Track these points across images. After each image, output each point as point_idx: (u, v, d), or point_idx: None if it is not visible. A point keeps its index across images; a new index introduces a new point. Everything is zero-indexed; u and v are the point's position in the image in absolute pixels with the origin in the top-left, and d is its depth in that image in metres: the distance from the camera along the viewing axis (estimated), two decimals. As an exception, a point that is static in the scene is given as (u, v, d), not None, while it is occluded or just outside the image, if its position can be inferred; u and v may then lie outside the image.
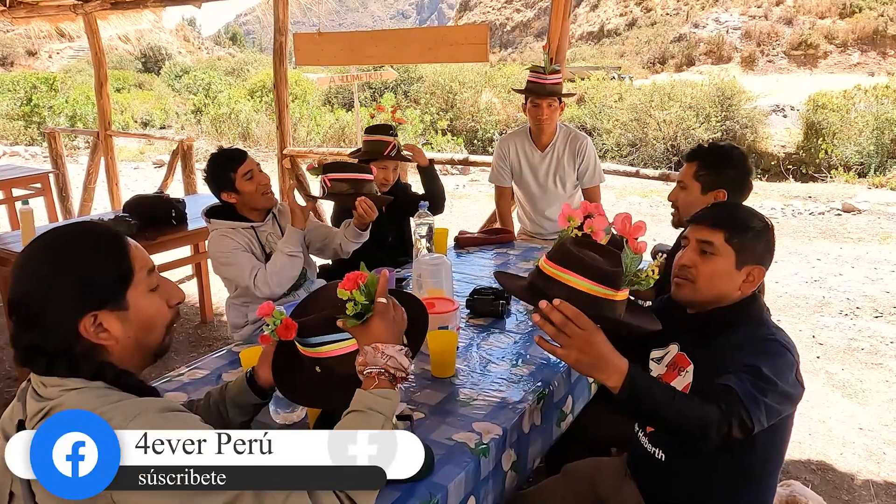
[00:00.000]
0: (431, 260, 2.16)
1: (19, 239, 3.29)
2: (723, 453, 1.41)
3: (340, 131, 13.65)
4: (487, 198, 8.37)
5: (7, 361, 3.76)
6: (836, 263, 5.65)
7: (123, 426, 0.94)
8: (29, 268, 1.03)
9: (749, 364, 1.35)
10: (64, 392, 1.00)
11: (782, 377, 1.35)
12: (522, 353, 1.97)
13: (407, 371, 1.20)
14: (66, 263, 1.03)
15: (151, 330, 1.09)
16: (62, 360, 1.01)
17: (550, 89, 3.06)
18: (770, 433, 1.41)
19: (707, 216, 1.54)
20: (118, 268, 1.06)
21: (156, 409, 0.98)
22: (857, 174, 10.90)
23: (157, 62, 29.71)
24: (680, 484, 1.52)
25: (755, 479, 1.48)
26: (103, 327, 1.03)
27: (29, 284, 1.02)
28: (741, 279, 1.48)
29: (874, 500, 2.54)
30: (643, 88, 15.66)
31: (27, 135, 14.53)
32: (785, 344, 1.42)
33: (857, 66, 27.54)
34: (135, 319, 1.06)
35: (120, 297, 1.05)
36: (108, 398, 0.99)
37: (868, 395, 3.36)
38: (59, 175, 6.51)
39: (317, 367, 1.32)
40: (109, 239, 1.07)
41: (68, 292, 1.01)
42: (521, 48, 39.68)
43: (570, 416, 1.94)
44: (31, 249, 1.06)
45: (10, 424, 1.05)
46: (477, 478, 1.47)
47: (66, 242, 1.05)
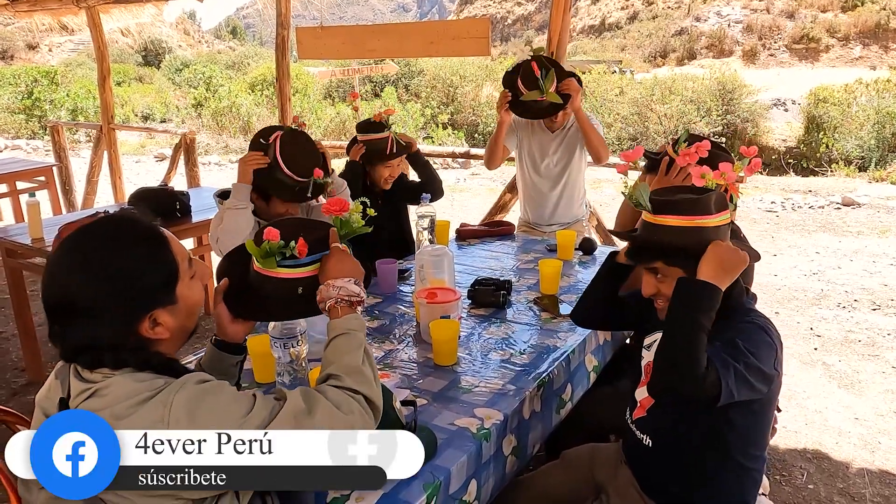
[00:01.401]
0: (434, 251, 2.20)
1: (25, 231, 3.32)
2: (704, 438, 1.45)
3: (341, 125, 13.66)
4: (488, 192, 8.40)
5: (14, 352, 3.80)
6: (834, 257, 5.68)
7: (170, 397, 0.99)
8: (77, 269, 1.04)
9: (725, 337, 1.41)
10: (110, 375, 1.03)
11: (757, 353, 1.39)
12: (523, 343, 2.00)
13: (360, 296, 1.30)
14: (120, 268, 1.05)
15: (194, 314, 1.17)
16: (110, 356, 1.04)
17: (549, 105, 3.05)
18: (748, 417, 1.45)
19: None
20: (167, 267, 1.11)
21: (198, 379, 1.04)
22: (858, 168, 10.90)
23: (157, 56, 29.68)
24: (666, 469, 1.56)
25: (737, 464, 1.51)
26: (157, 322, 1.08)
27: (79, 287, 1.03)
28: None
29: (868, 488, 2.59)
30: (644, 82, 15.66)
31: (28, 128, 14.56)
32: (763, 326, 1.45)
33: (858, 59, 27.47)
34: (182, 309, 1.12)
35: (171, 295, 1.11)
36: (152, 381, 1.03)
37: (864, 386, 3.40)
38: (63, 168, 6.54)
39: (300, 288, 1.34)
40: (153, 238, 1.11)
41: (125, 297, 1.05)
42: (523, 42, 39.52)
43: (570, 403, 1.98)
44: (75, 250, 1.06)
45: (50, 402, 1.07)
46: (479, 461, 1.51)
47: (115, 245, 1.07)
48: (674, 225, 1.47)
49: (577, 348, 2.00)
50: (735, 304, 1.51)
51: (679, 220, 1.46)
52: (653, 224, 1.50)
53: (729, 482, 1.53)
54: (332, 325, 1.27)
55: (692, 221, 1.46)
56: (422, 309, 1.99)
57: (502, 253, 2.93)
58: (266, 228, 1.33)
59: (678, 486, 1.56)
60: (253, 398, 1.08)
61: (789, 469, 2.71)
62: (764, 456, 1.57)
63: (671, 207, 1.48)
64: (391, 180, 2.99)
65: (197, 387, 1.03)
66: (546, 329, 2.10)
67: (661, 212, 1.49)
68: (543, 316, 2.20)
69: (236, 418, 1.02)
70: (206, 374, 1.10)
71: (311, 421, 1.06)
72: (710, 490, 1.53)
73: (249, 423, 1.03)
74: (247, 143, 3.90)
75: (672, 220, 1.47)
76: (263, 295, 1.35)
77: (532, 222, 3.37)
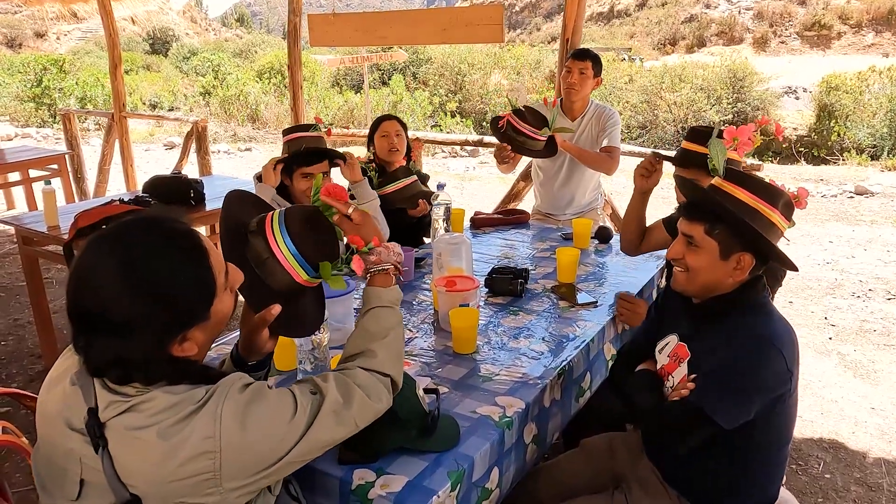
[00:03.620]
0: (452, 239, 2.19)
1: (41, 219, 3.33)
2: (727, 434, 1.44)
3: (349, 113, 13.63)
4: (498, 180, 8.37)
5: (30, 339, 3.83)
6: (848, 246, 5.65)
7: (218, 409, 0.99)
8: (114, 279, 0.96)
9: (721, 365, 1.42)
10: (144, 391, 0.99)
11: (757, 373, 1.38)
12: (542, 331, 2.00)
13: (401, 263, 1.34)
14: (159, 282, 0.98)
15: (223, 325, 1.11)
16: (141, 374, 0.99)
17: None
18: (770, 412, 1.44)
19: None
20: (207, 286, 1.03)
21: (239, 386, 1.04)
22: (870, 157, 10.80)
23: (164, 44, 29.61)
24: (688, 462, 1.55)
25: (760, 457, 1.50)
26: (186, 338, 1.03)
27: (116, 299, 0.95)
28: (731, 268, 1.47)
29: (886, 478, 2.58)
30: (653, 70, 15.55)
31: (38, 117, 14.59)
32: (770, 338, 1.42)
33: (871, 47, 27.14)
34: (214, 324, 1.07)
35: (207, 312, 1.04)
36: (193, 391, 1.01)
37: (880, 376, 3.38)
38: (75, 156, 6.55)
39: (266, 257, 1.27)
40: (196, 250, 1.03)
41: (164, 316, 0.98)
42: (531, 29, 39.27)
43: (589, 391, 1.98)
44: (110, 254, 0.97)
45: (75, 412, 1.00)
46: (501, 449, 1.51)
47: (154, 253, 0.99)
48: (738, 197, 1.46)
49: (596, 337, 1.99)
50: (754, 304, 1.50)
51: (746, 196, 1.45)
52: (719, 189, 1.49)
53: (752, 476, 1.52)
54: (377, 294, 1.27)
55: (757, 203, 1.45)
56: (441, 297, 1.99)
57: (517, 241, 2.92)
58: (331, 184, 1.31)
59: (699, 480, 1.55)
60: (292, 397, 1.08)
61: (805, 458, 2.70)
62: (787, 448, 1.57)
63: (743, 180, 1.47)
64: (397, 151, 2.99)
65: (241, 396, 1.02)
66: (564, 318, 2.09)
67: (733, 181, 1.48)
68: (561, 304, 2.19)
69: (284, 423, 1.04)
70: (243, 375, 1.08)
71: (349, 413, 1.12)
72: (734, 482, 1.52)
73: (296, 428, 1.05)
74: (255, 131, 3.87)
75: (740, 192, 1.46)
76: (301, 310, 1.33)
77: (546, 211, 3.36)
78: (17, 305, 4.36)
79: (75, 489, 1.00)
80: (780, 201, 1.47)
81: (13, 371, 3.47)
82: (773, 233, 1.46)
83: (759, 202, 1.45)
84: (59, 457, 1.02)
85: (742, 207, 1.45)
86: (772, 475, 1.55)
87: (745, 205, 1.45)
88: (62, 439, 1.01)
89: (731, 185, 1.48)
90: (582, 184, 3.23)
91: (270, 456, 1.02)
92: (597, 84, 3.08)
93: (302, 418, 1.06)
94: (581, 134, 3.12)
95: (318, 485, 1.34)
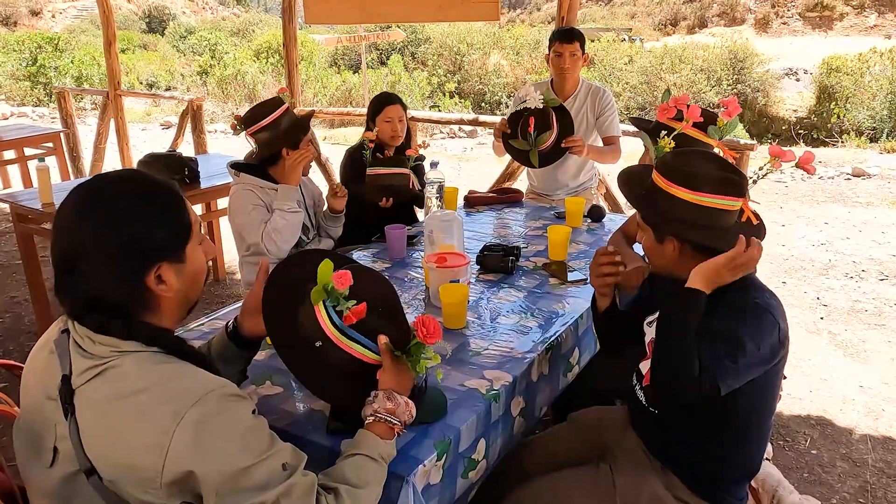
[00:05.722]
0: (443, 216, 2.20)
1: (35, 196, 3.33)
2: (707, 407, 1.46)
3: (347, 93, 13.55)
4: (496, 161, 8.34)
5: (27, 316, 3.85)
6: (843, 227, 5.66)
7: (184, 410, 0.94)
8: (86, 216, 1.00)
9: (726, 329, 1.39)
10: (117, 353, 1.00)
11: (759, 341, 1.38)
12: (531, 307, 2.02)
13: (405, 426, 1.27)
14: (134, 217, 1.01)
15: (197, 284, 1.12)
16: (119, 318, 1.01)
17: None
18: (754, 387, 1.45)
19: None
20: (181, 220, 1.07)
21: (219, 395, 0.98)
22: (869, 139, 10.77)
23: (161, 23, 29.31)
24: (672, 435, 1.58)
25: (743, 430, 1.52)
26: (163, 279, 1.04)
27: (91, 238, 0.99)
28: (671, 251, 1.49)
29: (871, 454, 2.62)
30: (654, 51, 15.42)
31: (34, 95, 14.49)
32: (766, 307, 1.43)
33: (873, 28, 26.89)
34: (188, 272, 1.08)
35: (181, 252, 1.07)
36: (163, 366, 1.00)
37: (870, 355, 3.41)
38: (70, 135, 6.53)
39: (318, 342, 1.29)
40: (170, 191, 1.07)
41: (134, 245, 1.00)
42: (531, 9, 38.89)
43: (577, 367, 2.01)
44: (85, 198, 1.02)
45: (51, 380, 1.02)
46: (487, 421, 1.54)
47: (130, 195, 1.03)
48: (662, 188, 1.48)
49: (585, 313, 2.01)
50: (740, 283, 1.51)
51: (667, 186, 1.47)
52: (652, 182, 1.53)
53: (734, 450, 1.54)
54: (373, 443, 1.18)
55: (682, 193, 1.45)
56: (431, 273, 2.00)
57: (511, 220, 2.93)
58: (341, 272, 1.27)
59: (684, 451, 1.58)
60: (267, 443, 1.01)
61: (793, 435, 2.74)
62: (770, 422, 1.59)
63: (667, 172, 1.49)
64: (398, 137, 2.95)
65: (213, 405, 0.97)
66: (554, 294, 2.11)
67: (658, 171, 1.51)
68: (552, 282, 2.21)
69: (237, 468, 0.96)
70: (233, 388, 1.03)
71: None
72: (716, 454, 1.55)
73: (247, 480, 0.97)
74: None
75: (667, 186, 1.48)
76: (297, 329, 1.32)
77: (540, 191, 3.36)
78: (14, 283, 4.38)
79: (49, 456, 1.02)
80: (710, 180, 1.45)
81: (10, 348, 3.50)
82: (710, 216, 1.45)
83: (682, 190, 1.45)
84: (37, 424, 1.04)
85: (664, 197, 1.47)
86: (755, 447, 1.58)
87: (665, 194, 1.47)
88: (40, 407, 1.03)
89: (658, 177, 1.50)
90: (576, 165, 3.24)
91: (210, 478, 0.95)
92: (585, 61, 3.08)
93: (257, 478, 0.97)
94: (577, 114, 3.12)
95: (306, 454, 1.37)
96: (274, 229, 2.32)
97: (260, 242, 2.35)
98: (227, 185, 3.58)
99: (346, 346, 1.30)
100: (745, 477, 1.60)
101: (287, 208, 2.35)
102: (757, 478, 2.25)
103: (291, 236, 2.38)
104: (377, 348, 1.30)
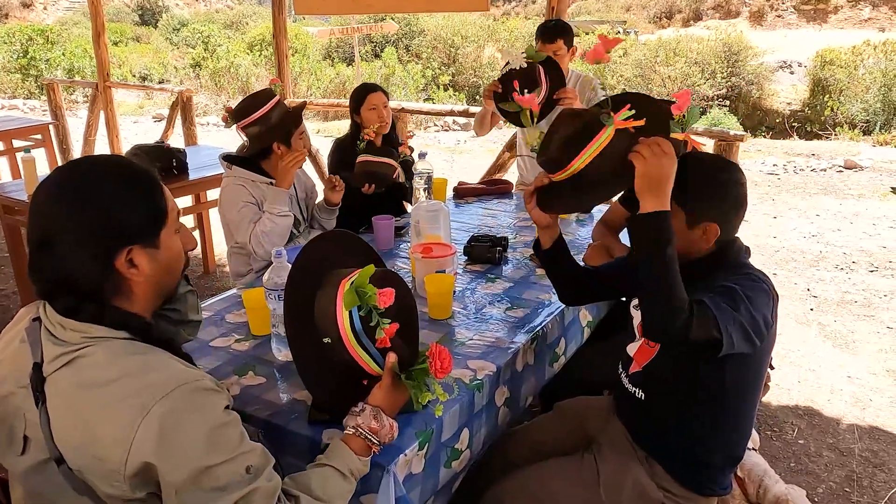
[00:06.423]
0: (430, 206, 2.19)
1: (21, 188, 3.31)
2: (696, 393, 1.45)
3: (341, 86, 13.49)
4: (488, 153, 8.33)
5: (14, 309, 3.83)
6: (835, 219, 5.67)
7: (151, 403, 0.92)
8: (59, 199, 1.00)
9: (724, 285, 1.39)
10: (87, 340, 0.99)
11: (755, 300, 1.37)
12: (517, 298, 2.01)
13: (381, 446, 1.25)
14: (108, 197, 1.00)
15: (171, 272, 1.11)
16: (90, 301, 1.00)
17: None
18: (741, 372, 1.45)
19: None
20: (156, 206, 1.05)
21: (190, 389, 0.96)
22: (862, 132, 10.79)
23: (154, 15, 29.11)
24: (657, 422, 1.58)
25: (728, 418, 1.52)
26: (134, 263, 1.02)
27: (65, 216, 0.98)
28: (697, 236, 1.46)
29: (858, 443, 2.63)
30: (648, 44, 15.38)
31: (24, 88, 14.38)
32: (760, 278, 1.44)
33: (867, 21, 26.89)
34: (162, 259, 1.06)
35: (154, 235, 1.05)
36: (134, 356, 0.99)
37: (858, 346, 3.43)
38: (60, 127, 6.49)
39: (327, 339, 1.30)
40: (147, 177, 1.07)
41: (104, 226, 0.99)
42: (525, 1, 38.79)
43: (563, 357, 2.00)
44: (59, 182, 1.01)
45: (22, 369, 1.01)
46: (471, 411, 1.53)
47: (106, 176, 1.03)
48: (560, 181, 1.54)
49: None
50: (733, 260, 1.51)
51: (559, 177, 1.53)
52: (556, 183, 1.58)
53: (719, 435, 1.54)
54: (347, 456, 1.17)
55: (565, 172, 1.51)
56: (417, 263, 1.99)
57: (500, 211, 2.92)
58: (386, 290, 1.26)
59: (669, 437, 1.58)
60: (232, 449, 0.98)
61: (780, 425, 2.75)
62: (754, 411, 1.59)
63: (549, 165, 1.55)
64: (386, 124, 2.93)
65: (182, 402, 0.95)
66: (541, 284, 2.10)
67: (545, 169, 1.57)
68: (539, 272, 2.20)
69: (200, 467, 0.94)
70: (206, 382, 1.00)
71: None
72: (700, 441, 1.55)
73: (209, 480, 0.94)
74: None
75: (559, 177, 1.53)
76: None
77: (529, 182, 3.35)
78: (1, 276, 4.35)
79: (20, 445, 1.02)
80: (577, 138, 1.48)
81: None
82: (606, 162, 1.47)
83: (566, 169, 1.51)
84: (9, 414, 1.03)
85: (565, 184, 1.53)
86: (738, 436, 1.58)
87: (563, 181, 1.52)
88: (11, 397, 1.03)
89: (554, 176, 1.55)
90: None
91: (171, 476, 0.93)
92: (572, 54, 3.05)
93: (222, 470, 0.96)
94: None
95: (287, 444, 1.36)
96: (262, 232, 2.30)
97: (248, 243, 2.33)
98: (216, 177, 3.56)
99: (355, 352, 1.30)
100: (730, 464, 1.60)
101: (277, 212, 2.31)
102: (743, 467, 2.27)
103: (279, 239, 2.35)
104: (382, 362, 1.30)
